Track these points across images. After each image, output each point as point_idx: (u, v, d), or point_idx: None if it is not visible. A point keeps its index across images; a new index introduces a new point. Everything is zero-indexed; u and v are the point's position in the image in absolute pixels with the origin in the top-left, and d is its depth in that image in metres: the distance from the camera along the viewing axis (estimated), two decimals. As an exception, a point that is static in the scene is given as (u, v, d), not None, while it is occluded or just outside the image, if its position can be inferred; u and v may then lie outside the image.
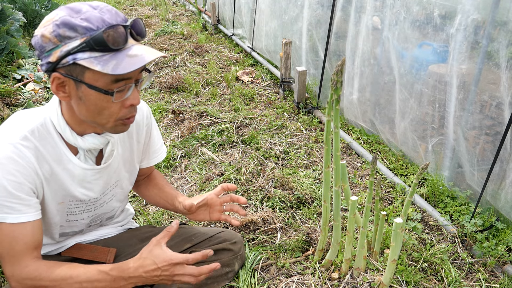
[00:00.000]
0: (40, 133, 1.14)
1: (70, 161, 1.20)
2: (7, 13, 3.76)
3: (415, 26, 2.24)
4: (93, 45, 1.00)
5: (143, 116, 1.41)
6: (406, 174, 2.37)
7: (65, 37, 1.00)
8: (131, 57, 1.03)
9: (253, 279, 1.58)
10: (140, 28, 1.10)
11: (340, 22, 2.95)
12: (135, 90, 1.12)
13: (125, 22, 1.06)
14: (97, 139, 1.21)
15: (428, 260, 1.69)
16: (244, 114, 3.15)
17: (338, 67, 1.30)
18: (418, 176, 1.36)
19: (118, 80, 1.05)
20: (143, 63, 1.03)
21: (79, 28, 1.00)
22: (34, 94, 3.47)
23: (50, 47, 1.02)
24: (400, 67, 2.38)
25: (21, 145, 1.10)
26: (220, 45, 5.27)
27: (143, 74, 1.15)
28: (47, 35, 1.02)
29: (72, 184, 1.23)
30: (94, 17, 1.01)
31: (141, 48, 1.07)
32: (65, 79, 1.06)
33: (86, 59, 1.01)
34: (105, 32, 1.00)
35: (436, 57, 2.18)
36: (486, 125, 1.94)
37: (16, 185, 1.08)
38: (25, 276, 1.13)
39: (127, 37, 1.05)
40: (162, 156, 1.57)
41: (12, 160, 1.07)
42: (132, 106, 1.13)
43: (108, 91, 1.06)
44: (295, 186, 2.19)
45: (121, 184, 1.41)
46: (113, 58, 1.02)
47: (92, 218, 1.39)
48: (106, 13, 1.03)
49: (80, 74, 1.04)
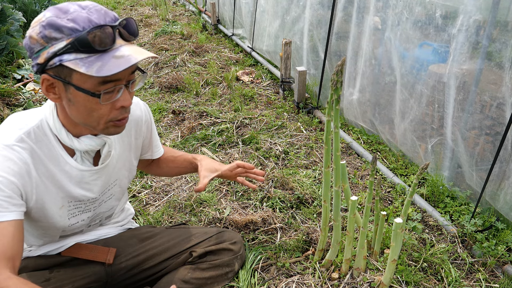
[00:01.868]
0: (36, 135, 1.13)
1: (67, 163, 1.19)
2: (7, 13, 3.76)
3: (417, 27, 2.24)
4: (77, 46, 0.98)
5: (141, 113, 1.41)
6: (406, 174, 2.37)
7: (51, 38, 0.99)
8: (117, 58, 1.01)
9: (253, 279, 1.58)
10: (131, 28, 1.08)
11: (341, 23, 2.95)
12: (126, 91, 1.10)
13: (114, 22, 1.04)
14: (94, 140, 1.20)
15: (428, 260, 1.69)
16: (244, 114, 3.15)
17: (338, 67, 1.30)
18: (418, 176, 1.36)
19: (106, 81, 1.03)
20: (129, 65, 1.00)
21: (64, 29, 0.98)
22: (34, 94, 3.47)
23: (38, 49, 1.01)
24: (401, 67, 2.38)
25: (18, 146, 1.09)
26: (220, 45, 5.27)
27: (135, 75, 1.12)
28: (34, 36, 1.01)
29: (70, 185, 1.22)
30: (80, 18, 0.99)
31: (129, 49, 1.04)
32: (54, 81, 1.05)
33: (72, 61, 0.99)
34: (91, 33, 0.98)
35: (437, 57, 2.18)
36: (486, 125, 1.94)
37: (6, 181, 1.05)
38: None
39: (115, 37, 1.03)
40: (162, 150, 1.61)
41: (8, 159, 1.06)
42: (123, 107, 1.11)
43: (95, 93, 1.04)
44: (295, 186, 2.19)
45: (119, 183, 1.41)
46: (98, 59, 1.00)
47: (92, 218, 1.39)
48: (94, 13, 1.01)
49: (68, 76, 1.03)
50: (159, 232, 1.58)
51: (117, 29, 1.04)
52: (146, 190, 2.28)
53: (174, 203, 2.13)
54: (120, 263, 1.45)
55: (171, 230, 1.60)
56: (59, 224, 1.26)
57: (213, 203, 2.10)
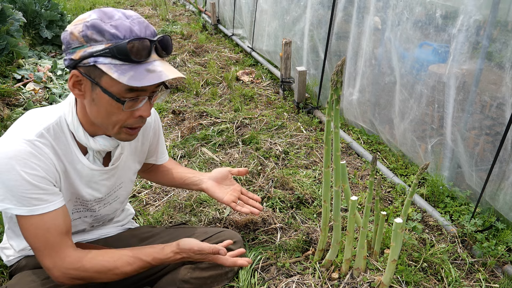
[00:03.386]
0: (55, 132, 1.16)
1: (79, 161, 1.22)
2: (7, 13, 3.76)
3: (417, 27, 2.24)
4: (115, 53, 1.02)
5: (151, 119, 1.45)
6: (406, 174, 2.37)
7: (92, 39, 1.03)
8: (149, 72, 1.05)
9: (253, 279, 1.58)
10: (166, 44, 1.12)
11: (341, 23, 2.95)
12: (148, 102, 1.14)
13: (153, 37, 1.09)
14: (108, 141, 1.23)
15: (428, 260, 1.69)
16: (244, 114, 3.15)
17: (338, 67, 1.30)
18: (418, 176, 1.36)
19: (133, 90, 1.08)
20: (160, 80, 1.05)
21: (106, 34, 1.03)
22: (34, 94, 3.47)
23: (76, 45, 1.05)
24: (401, 67, 2.38)
25: (39, 142, 1.12)
26: (220, 45, 5.27)
27: (159, 88, 1.16)
28: (76, 33, 1.05)
29: (80, 184, 1.25)
30: (123, 26, 1.04)
31: (161, 65, 1.08)
32: (83, 78, 1.08)
33: (106, 64, 1.03)
34: (130, 42, 1.02)
35: (437, 57, 2.18)
36: (486, 126, 1.94)
37: (39, 179, 1.10)
38: (68, 266, 1.15)
39: (151, 51, 1.07)
40: (167, 157, 1.66)
41: (33, 156, 1.09)
42: (141, 117, 1.15)
43: (120, 99, 1.08)
44: (295, 186, 2.19)
45: (125, 186, 1.44)
46: (132, 69, 1.04)
47: (95, 219, 1.40)
48: (136, 25, 1.06)
49: (97, 77, 1.06)
50: (159, 232, 1.58)
51: (154, 44, 1.08)
52: (146, 190, 2.28)
53: (174, 203, 2.13)
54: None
55: (171, 230, 1.60)
56: None
57: (213, 203, 2.10)
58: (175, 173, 1.68)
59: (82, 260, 1.17)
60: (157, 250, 1.28)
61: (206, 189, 1.62)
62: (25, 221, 1.12)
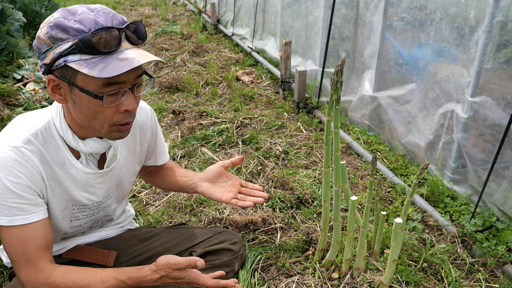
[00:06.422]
0: (44, 137, 1.13)
1: (72, 165, 1.19)
2: (7, 13, 3.76)
3: (417, 27, 2.24)
4: (82, 47, 0.99)
5: (147, 118, 1.40)
6: (406, 174, 2.37)
7: (58, 39, 1.00)
8: (120, 61, 1.01)
9: (253, 279, 1.58)
10: (139, 32, 1.08)
11: (341, 22, 2.95)
12: (131, 95, 1.09)
13: (121, 25, 1.04)
14: (99, 143, 1.20)
15: (428, 260, 1.69)
16: (244, 114, 3.15)
17: (338, 67, 1.30)
18: (418, 176, 1.36)
19: (110, 84, 1.03)
20: (131, 67, 1.00)
21: (70, 30, 0.99)
22: (34, 94, 3.47)
23: (45, 49, 1.02)
24: (401, 67, 2.38)
25: (25, 148, 1.08)
26: (220, 45, 5.27)
27: (142, 79, 1.12)
28: (42, 36, 1.02)
29: (75, 188, 1.22)
30: (87, 19, 1.00)
31: (134, 52, 1.04)
32: (60, 82, 1.05)
33: (76, 62, 1.00)
34: (97, 34, 0.98)
35: (437, 57, 2.18)
36: (486, 125, 1.94)
37: (22, 188, 1.07)
38: (41, 280, 1.11)
39: (121, 40, 1.03)
40: (167, 158, 1.60)
41: (18, 163, 1.06)
42: (127, 111, 1.11)
43: (97, 95, 1.03)
44: (295, 186, 2.19)
45: (122, 187, 1.41)
46: (102, 61, 1.00)
47: (94, 221, 1.39)
48: (101, 16, 1.02)
49: (72, 77, 1.03)
50: (159, 232, 1.58)
51: (123, 32, 1.04)
52: (146, 190, 2.28)
53: (174, 203, 2.13)
54: (120, 264, 1.45)
55: (171, 230, 1.60)
56: (61, 225, 1.26)
57: (213, 203, 2.10)
58: (172, 177, 1.61)
59: (54, 275, 1.13)
60: (134, 270, 1.23)
61: (202, 192, 1.54)
62: (5, 231, 1.09)
